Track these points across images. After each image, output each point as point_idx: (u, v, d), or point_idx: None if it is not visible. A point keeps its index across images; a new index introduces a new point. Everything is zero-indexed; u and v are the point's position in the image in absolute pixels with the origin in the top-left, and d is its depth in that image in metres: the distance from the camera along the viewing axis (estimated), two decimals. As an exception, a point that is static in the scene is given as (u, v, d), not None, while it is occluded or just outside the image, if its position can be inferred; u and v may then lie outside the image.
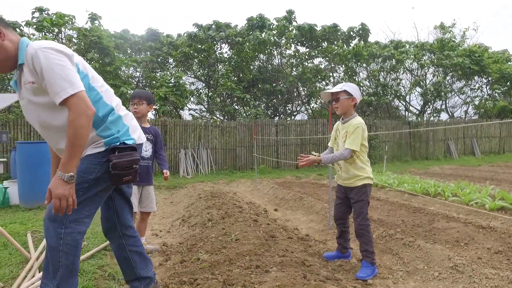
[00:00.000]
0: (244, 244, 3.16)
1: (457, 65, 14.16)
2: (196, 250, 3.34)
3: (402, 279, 2.81)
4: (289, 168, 11.23)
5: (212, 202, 5.15)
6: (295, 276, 2.44)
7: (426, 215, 4.48)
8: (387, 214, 4.64)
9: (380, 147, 12.66)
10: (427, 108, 16.45)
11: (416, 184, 6.44)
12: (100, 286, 2.58)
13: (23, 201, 5.40)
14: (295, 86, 14.36)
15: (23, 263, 2.84)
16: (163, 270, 3.15)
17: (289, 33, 13.56)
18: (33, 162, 5.41)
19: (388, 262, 3.16)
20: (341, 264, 3.13)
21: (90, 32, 10.82)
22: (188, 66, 14.43)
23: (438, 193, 6.03)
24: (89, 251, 3.16)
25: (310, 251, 3.35)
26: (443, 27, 17.66)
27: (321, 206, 5.09)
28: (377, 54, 14.18)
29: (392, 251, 3.30)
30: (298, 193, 6.20)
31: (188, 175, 9.61)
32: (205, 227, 3.96)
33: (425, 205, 5.29)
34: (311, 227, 4.55)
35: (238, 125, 11.03)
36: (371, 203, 5.48)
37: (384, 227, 3.85)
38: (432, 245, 3.05)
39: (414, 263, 2.95)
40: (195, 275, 2.74)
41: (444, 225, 3.90)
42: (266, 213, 5.09)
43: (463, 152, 14.49)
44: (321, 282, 2.44)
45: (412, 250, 3.12)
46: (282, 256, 2.87)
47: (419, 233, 3.67)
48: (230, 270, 2.66)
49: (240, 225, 3.77)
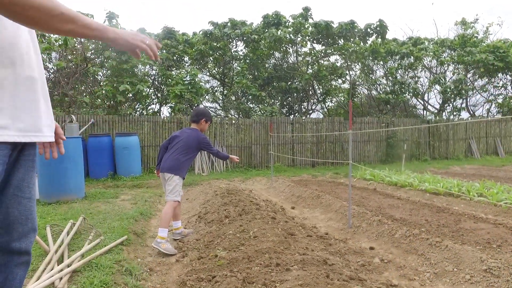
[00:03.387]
0: (263, 241, 3.07)
1: (480, 61, 13.68)
2: (214, 247, 3.27)
3: (429, 281, 2.67)
4: (305, 166, 11.08)
5: (229, 199, 5.09)
6: (317, 275, 2.34)
7: (451, 215, 4.30)
8: (410, 214, 4.47)
9: (398, 146, 12.36)
10: (446, 107, 15.97)
11: (438, 183, 6.22)
12: (118, 281, 2.55)
13: (43, 195, 5.46)
14: (310, 84, 14.17)
15: (42, 256, 2.84)
16: (180, 266, 3.10)
17: (305, 30, 13.38)
18: (52, 158, 5.46)
19: (413, 263, 3.02)
20: (364, 264, 3.01)
21: (107, 30, 10.92)
22: (203, 65, 14.43)
23: (462, 192, 5.79)
24: (106, 245, 3.14)
25: (331, 249, 3.24)
26: (465, 23, 17.10)
27: (339, 205, 4.96)
28: (395, 51, 13.83)
29: (417, 251, 3.15)
30: (316, 191, 6.07)
31: (203, 173, 9.60)
32: (222, 224, 3.90)
33: (448, 205, 5.08)
34: (330, 226, 4.43)
35: (253, 123, 10.95)
36: (390, 202, 5.32)
37: (408, 226, 3.70)
38: (461, 246, 2.89)
39: (442, 264, 2.80)
40: (213, 272, 2.67)
41: (472, 226, 3.71)
42: (284, 210, 5.00)
43: (486, 151, 14.00)
44: (345, 282, 2.33)
45: (440, 251, 2.97)
46: (302, 254, 2.77)
47: (445, 233, 3.50)
48: (249, 268, 2.58)
49: (258, 222, 3.69)
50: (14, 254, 1.18)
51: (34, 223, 1.22)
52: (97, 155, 8.22)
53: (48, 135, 1.23)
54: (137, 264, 3.04)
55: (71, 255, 2.82)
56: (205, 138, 3.73)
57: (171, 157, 3.59)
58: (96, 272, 2.60)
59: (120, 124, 9.56)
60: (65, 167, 5.51)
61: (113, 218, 4.35)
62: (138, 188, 7.32)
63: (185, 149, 3.61)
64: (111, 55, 10.77)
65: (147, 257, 3.35)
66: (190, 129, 3.78)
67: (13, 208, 1.15)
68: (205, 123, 3.78)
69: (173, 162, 3.56)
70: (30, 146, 1.22)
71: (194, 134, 3.70)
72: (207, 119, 3.78)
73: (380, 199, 5.59)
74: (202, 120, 3.75)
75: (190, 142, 3.63)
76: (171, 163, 3.57)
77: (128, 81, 10.55)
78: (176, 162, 3.56)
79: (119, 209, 4.93)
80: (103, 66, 11.83)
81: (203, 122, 3.76)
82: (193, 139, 3.65)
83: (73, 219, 3.92)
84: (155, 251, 3.43)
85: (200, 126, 3.75)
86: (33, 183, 1.24)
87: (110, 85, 10.81)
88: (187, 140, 3.64)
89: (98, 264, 2.72)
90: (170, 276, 2.89)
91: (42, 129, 1.19)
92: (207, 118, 3.79)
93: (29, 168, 1.22)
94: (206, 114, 3.80)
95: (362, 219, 4.23)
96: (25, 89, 1.11)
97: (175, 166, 3.56)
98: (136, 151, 8.60)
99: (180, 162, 3.58)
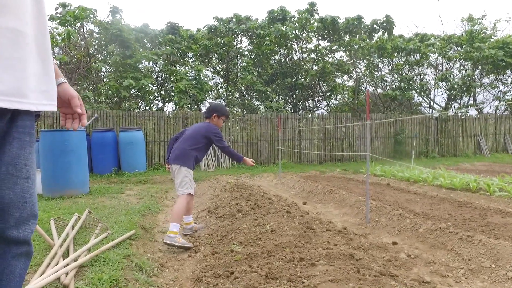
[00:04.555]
0: (282, 235, 2.87)
1: (488, 57, 13.41)
2: (228, 242, 3.08)
3: (465, 278, 2.47)
4: (312, 163, 10.87)
5: (239, 193, 4.89)
6: (347, 270, 2.14)
7: (475, 209, 4.08)
8: (430, 208, 4.26)
9: (406, 142, 12.13)
10: (453, 104, 15.72)
11: (454, 179, 6.00)
12: (128, 277, 2.35)
13: (46, 190, 5.28)
14: (316, 81, 13.95)
15: (46, 250, 2.65)
16: (193, 262, 2.90)
17: (311, 25, 13.16)
18: (55, 151, 5.29)
19: (443, 259, 2.81)
20: (390, 259, 2.81)
21: (111, 25, 10.75)
22: (207, 61, 14.23)
23: (480, 188, 5.58)
24: (113, 240, 2.95)
25: (353, 244, 3.03)
26: (472, 19, 16.80)
27: (355, 199, 4.75)
28: (401, 48, 13.59)
29: (447, 246, 2.94)
30: (327, 186, 5.87)
31: (209, 169, 9.41)
32: (235, 218, 3.70)
33: (469, 199, 4.86)
34: (346, 221, 4.23)
35: (260, 118, 10.76)
36: (407, 197, 5.11)
37: (432, 220, 3.49)
38: (497, 241, 2.69)
39: (477, 260, 2.59)
40: (230, 267, 2.47)
41: (501, 221, 3.50)
42: (296, 205, 4.79)
43: (495, 149, 13.75)
44: (377, 277, 2.13)
45: (473, 246, 2.76)
46: (326, 248, 2.57)
47: (474, 227, 3.29)
48: (270, 263, 2.38)
49: (273, 216, 3.49)
50: (11, 244, 0.98)
51: (33, 207, 1.03)
52: (101, 151, 8.04)
53: (35, 102, 0.99)
54: (147, 259, 2.85)
55: (77, 249, 2.63)
56: (217, 130, 3.50)
57: (178, 147, 3.46)
58: (105, 267, 2.40)
59: (124, 119, 9.37)
60: (68, 160, 5.33)
61: (119, 212, 4.16)
62: (143, 184, 7.14)
63: (191, 138, 3.45)
64: (115, 50, 10.59)
65: (157, 252, 3.15)
66: (202, 122, 3.66)
67: (8, 189, 0.95)
68: (217, 119, 3.56)
69: (179, 151, 3.42)
70: (25, 115, 1.00)
71: (204, 125, 3.56)
72: (219, 114, 3.56)
73: (395, 193, 5.38)
74: (214, 115, 3.55)
75: (197, 131, 3.48)
76: (177, 153, 3.42)
77: (131, 76, 10.36)
78: (182, 151, 3.40)
79: (125, 204, 4.74)
80: (106, 62, 11.65)
81: (215, 118, 3.56)
82: (201, 128, 3.49)
83: (78, 213, 3.73)
84: (165, 246, 3.23)
85: (212, 122, 3.56)
86: (31, 160, 1.05)
87: (114, 80, 10.63)
88: (194, 130, 3.52)
89: (106, 259, 2.53)
90: (183, 272, 2.70)
91: (27, 95, 0.96)
92: (219, 113, 3.57)
93: (25, 142, 1.02)
94: (217, 109, 3.59)
95: (381, 214, 4.03)
96: (6, 43, 0.91)
97: (180, 155, 3.39)
98: (140, 146, 8.41)
99: (186, 151, 3.39)
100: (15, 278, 1.01)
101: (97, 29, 11.56)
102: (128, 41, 10.65)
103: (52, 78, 1.07)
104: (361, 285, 1.93)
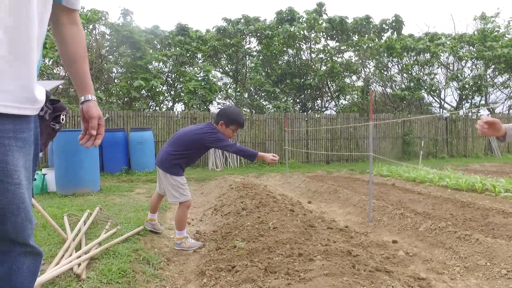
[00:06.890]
0: (283, 232, 2.98)
1: (501, 56, 13.23)
2: (232, 238, 3.20)
3: (460, 275, 2.53)
4: (319, 163, 10.93)
5: (245, 192, 5.01)
6: (343, 265, 2.23)
7: (477, 209, 4.12)
8: (432, 208, 4.31)
9: (415, 143, 12.07)
10: (464, 104, 15.53)
11: (460, 179, 6.00)
12: (136, 269, 2.49)
13: (59, 187, 5.49)
14: (324, 81, 13.98)
15: (60, 243, 2.81)
16: (198, 257, 3.03)
17: (319, 26, 13.20)
18: (68, 150, 5.49)
19: (441, 257, 2.87)
20: (388, 257, 2.89)
21: (122, 27, 11.00)
22: (216, 61, 14.40)
23: (486, 188, 5.57)
24: (123, 235, 3.10)
25: (353, 242, 3.12)
26: (484, 17, 16.57)
27: (358, 199, 4.82)
28: (411, 47, 13.51)
29: (445, 245, 3.01)
30: (332, 186, 5.94)
31: (217, 168, 9.56)
32: (240, 216, 3.82)
33: (473, 200, 4.88)
34: (349, 220, 4.31)
35: (267, 118, 10.86)
36: (411, 197, 5.15)
37: (432, 219, 3.55)
38: (494, 240, 2.74)
39: (473, 258, 2.65)
40: (232, 262, 2.59)
41: (502, 221, 3.54)
42: (301, 204, 4.89)
43: (507, 150, 13.56)
44: (371, 272, 2.21)
45: (469, 245, 2.82)
46: (325, 245, 2.67)
47: (473, 227, 3.34)
48: (270, 258, 2.49)
49: (276, 214, 3.60)
50: (15, 243, 1.03)
51: (27, 213, 1.03)
52: (111, 150, 8.25)
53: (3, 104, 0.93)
54: (154, 253, 2.99)
55: (88, 243, 2.79)
56: (212, 133, 2.96)
57: (163, 150, 3.12)
58: (114, 259, 2.55)
59: (135, 119, 9.60)
60: (80, 159, 5.53)
61: (128, 209, 4.32)
62: (152, 183, 7.31)
63: (177, 143, 3.04)
64: (125, 51, 10.83)
65: (164, 248, 3.29)
66: (200, 124, 3.24)
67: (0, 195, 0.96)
68: (224, 127, 3.00)
69: (163, 155, 3.07)
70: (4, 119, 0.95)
71: (197, 127, 3.08)
72: (227, 123, 2.98)
73: (399, 193, 5.43)
74: (220, 122, 3.01)
75: (184, 135, 3.05)
76: (161, 156, 3.09)
77: (142, 77, 10.58)
78: (165, 157, 3.05)
79: (134, 202, 4.91)
80: (117, 63, 11.91)
81: (222, 126, 3.00)
82: (190, 133, 3.04)
83: (90, 210, 3.90)
84: (171, 242, 3.36)
85: (220, 130, 3.02)
86: (26, 166, 1.02)
87: (124, 81, 10.87)
88: (183, 132, 3.10)
89: (116, 252, 2.68)
90: (188, 266, 2.83)
91: None
92: (227, 121, 2.98)
93: (11, 147, 0.97)
94: (224, 116, 3.01)
95: (383, 213, 4.10)
96: None
97: (164, 161, 3.05)
98: (150, 146, 8.61)
99: (169, 159, 3.02)
100: (24, 273, 1.04)
101: (109, 31, 11.84)
102: (138, 42, 10.88)
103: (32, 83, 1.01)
104: (354, 279, 2.03)
